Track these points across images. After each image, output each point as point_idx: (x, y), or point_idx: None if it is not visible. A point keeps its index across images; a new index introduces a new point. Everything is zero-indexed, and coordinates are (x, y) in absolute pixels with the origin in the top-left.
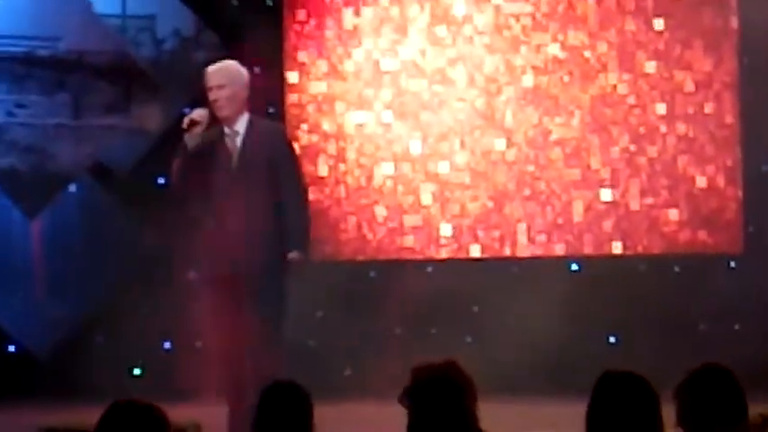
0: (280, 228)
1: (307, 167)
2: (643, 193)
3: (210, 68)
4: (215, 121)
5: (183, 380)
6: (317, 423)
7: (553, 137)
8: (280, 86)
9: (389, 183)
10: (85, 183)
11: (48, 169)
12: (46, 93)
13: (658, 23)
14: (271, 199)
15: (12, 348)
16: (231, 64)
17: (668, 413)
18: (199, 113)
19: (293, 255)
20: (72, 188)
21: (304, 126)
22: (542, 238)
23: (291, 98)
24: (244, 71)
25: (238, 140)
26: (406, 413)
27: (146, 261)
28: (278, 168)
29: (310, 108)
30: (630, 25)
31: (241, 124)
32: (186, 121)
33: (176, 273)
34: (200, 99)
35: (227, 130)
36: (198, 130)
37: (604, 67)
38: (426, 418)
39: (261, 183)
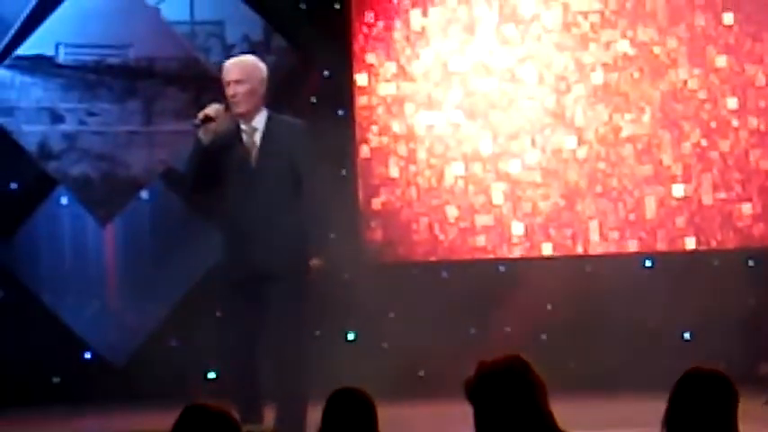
0: (302, 228)
1: (378, 169)
2: (716, 188)
3: (228, 63)
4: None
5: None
6: (390, 424)
7: (624, 133)
8: (349, 89)
9: (460, 183)
10: (157, 189)
11: (120, 176)
12: (117, 100)
13: (728, 18)
14: (292, 198)
15: (87, 355)
16: (249, 58)
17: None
18: (214, 108)
19: (315, 262)
20: (144, 195)
21: (374, 128)
22: (615, 235)
23: (361, 100)
24: (262, 66)
25: (257, 137)
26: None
27: (218, 266)
28: (299, 167)
29: (380, 110)
30: (700, 20)
31: (259, 120)
32: (200, 116)
33: None
34: (268, 103)
35: (243, 126)
36: (213, 125)
37: (674, 63)
38: (492, 414)
39: (282, 182)
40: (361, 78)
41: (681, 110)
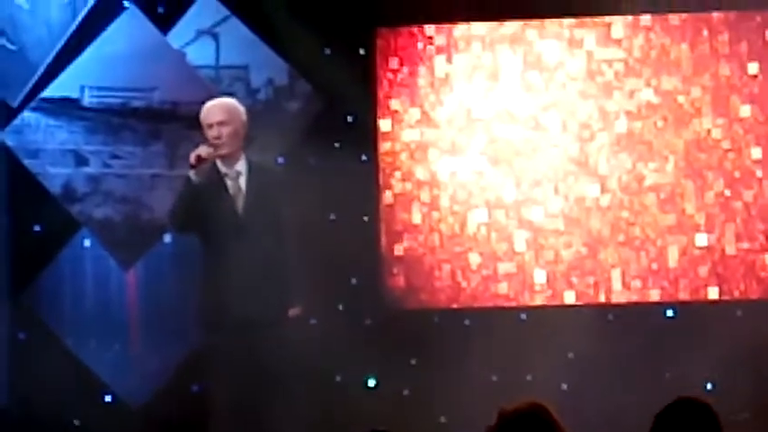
0: (282, 278)
1: (400, 215)
2: (739, 238)
3: (209, 104)
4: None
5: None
6: None
7: (647, 182)
8: (372, 135)
9: (483, 230)
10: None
11: (143, 219)
12: (141, 143)
13: (753, 68)
14: (275, 247)
15: (108, 398)
16: (230, 100)
17: None
18: (205, 150)
19: (294, 311)
20: (167, 238)
21: (397, 174)
22: (637, 283)
23: (384, 146)
24: (242, 108)
25: (242, 182)
26: None
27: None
28: (281, 214)
29: (403, 156)
30: (725, 70)
31: (241, 165)
32: (193, 157)
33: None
34: (292, 148)
35: (224, 170)
36: (205, 166)
37: (698, 112)
38: None
39: (268, 229)
40: (384, 124)
41: (704, 159)
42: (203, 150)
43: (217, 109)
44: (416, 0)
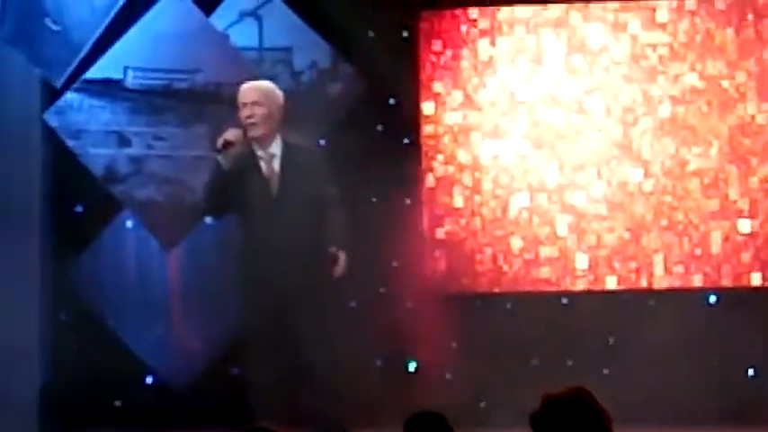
0: (323, 260)
1: (442, 199)
2: None
3: (245, 85)
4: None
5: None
6: None
7: (690, 167)
8: (415, 117)
9: (525, 214)
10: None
11: (185, 201)
12: (184, 125)
13: None
14: (313, 228)
15: (149, 380)
16: (267, 83)
17: None
18: (233, 133)
19: (333, 250)
20: (209, 220)
21: (440, 157)
22: (680, 269)
23: (427, 129)
24: (280, 93)
25: (275, 164)
26: None
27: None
28: (320, 196)
29: (446, 139)
30: None
31: (276, 147)
32: (221, 141)
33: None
34: (334, 130)
35: (260, 152)
36: (233, 150)
37: (743, 97)
38: None
39: (304, 211)
40: (427, 107)
41: (748, 144)
42: (231, 134)
43: (252, 89)
44: None
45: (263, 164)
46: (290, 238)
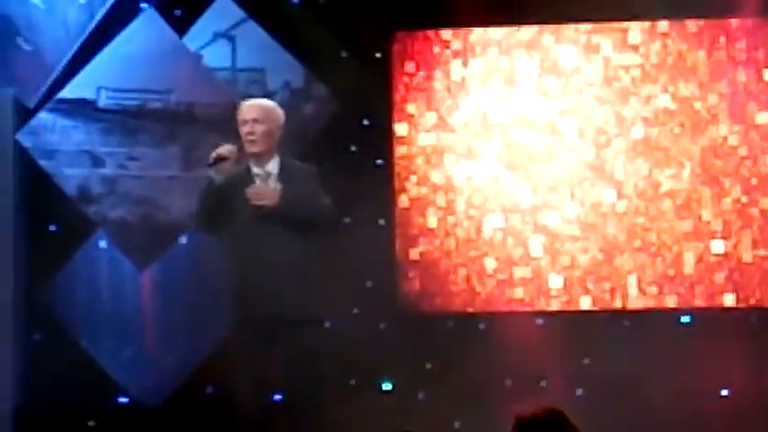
0: (312, 282)
1: (416, 220)
2: (755, 245)
3: (246, 103)
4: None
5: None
6: None
7: (663, 188)
8: (388, 138)
9: (499, 235)
10: (196, 234)
11: (159, 221)
12: (157, 145)
13: None
14: (307, 245)
15: (123, 400)
16: (270, 102)
17: None
18: (227, 149)
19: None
20: (183, 240)
21: (413, 178)
22: (653, 290)
23: (400, 150)
24: (281, 111)
25: (272, 182)
26: None
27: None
28: (315, 215)
29: (419, 160)
30: (741, 76)
31: (273, 165)
32: (213, 155)
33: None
34: (307, 151)
35: (256, 169)
36: (226, 165)
37: (715, 119)
38: None
39: (299, 227)
40: (400, 128)
41: (721, 166)
42: (225, 149)
43: (253, 107)
44: (433, 4)
45: (258, 181)
46: (278, 255)
